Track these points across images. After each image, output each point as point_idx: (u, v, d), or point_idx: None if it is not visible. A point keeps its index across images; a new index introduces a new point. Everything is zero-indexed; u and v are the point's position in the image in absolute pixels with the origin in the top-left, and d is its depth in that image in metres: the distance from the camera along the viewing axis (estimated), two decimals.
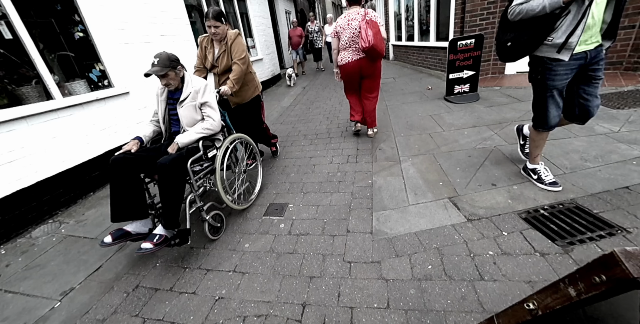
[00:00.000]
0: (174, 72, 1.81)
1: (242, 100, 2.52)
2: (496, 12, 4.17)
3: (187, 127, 1.91)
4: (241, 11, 6.11)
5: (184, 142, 1.77)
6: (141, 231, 1.75)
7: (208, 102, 1.91)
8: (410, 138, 2.99)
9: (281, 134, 3.77)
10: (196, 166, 1.79)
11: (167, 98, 1.97)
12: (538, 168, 1.91)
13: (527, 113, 3.04)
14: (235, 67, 2.24)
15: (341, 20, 2.68)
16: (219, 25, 2.18)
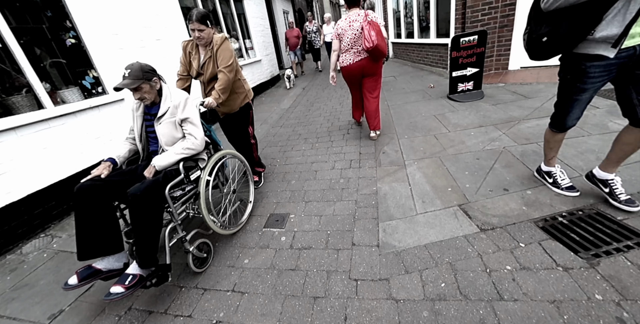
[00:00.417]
0: (149, 85, 1.60)
1: (231, 109, 2.31)
2: (498, 6, 4.04)
3: (166, 146, 1.69)
4: (238, 12, 6.01)
5: (162, 164, 1.56)
6: (114, 267, 1.53)
7: (189, 118, 1.68)
8: (414, 140, 2.88)
9: (281, 137, 3.67)
10: (177, 191, 1.57)
11: (143, 114, 1.76)
12: (553, 171, 1.79)
13: (535, 111, 2.92)
14: (221, 76, 2.02)
15: (342, 23, 2.70)
16: (203, 28, 1.97)
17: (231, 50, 2.07)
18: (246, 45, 6.11)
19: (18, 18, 2.40)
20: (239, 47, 5.86)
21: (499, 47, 4.30)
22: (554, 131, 1.70)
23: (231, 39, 5.68)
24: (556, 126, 1.67)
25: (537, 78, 3.81)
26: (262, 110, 5.22)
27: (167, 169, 1.60)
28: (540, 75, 3.89)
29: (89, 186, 1.47)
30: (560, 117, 1.62)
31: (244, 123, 2.43)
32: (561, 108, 1.61)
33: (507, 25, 4.10)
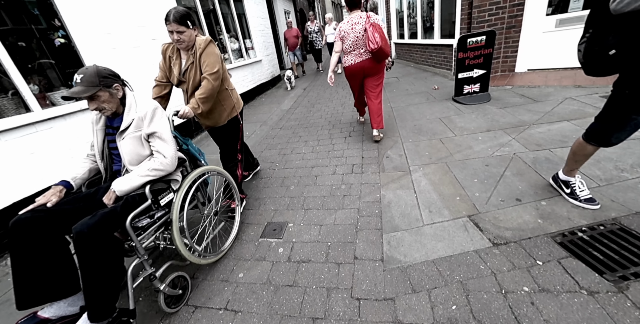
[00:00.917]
0: (108, 93, 1.34)
1: (215, 123, 2.03)
2: (506, 6, 3.92)
3: (130, 165, 1.42)
4: (239, 12, 5.90)
5: (123, 189, 1.29)
6: (67, 313, 1.24)
7: (157, 132, 1.41)
8: (419, 144, 2.76)
9: (281, 140, 3.56)
10: (143, 219, 1.34)
11: (104, 127, 1.50)
12: (573, 181, 1.67)
13: (546, 115, 2.80)
14: (205, 84, 1.75)
15: (345, 25, 2.73)
16: (183, 30, 1.69)
17: (217, 55, 1.80)
18: (246, 45, 6.01)
19: (2, 16, 2.30)
20: (238, 47, 5.75)
21: (506, 48, 4.18)
22: (591, 144, 1.49)
23: (231, 38, 5.58)
24: (597, 140, 1.46)
25: (545, 81, 3.69)
26: (261, 111, 5.11)
27: (130, 194, 1.33)
28: (549, 78, 3.77)
29: (29, 220, 1.18)
30: (607, 132, 1.41)
31: (231, 139, 2.16)
32: (611, 124, 1.39)
33: (514, 26, 3.98)
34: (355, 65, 2.78)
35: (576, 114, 2.68)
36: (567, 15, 3.69)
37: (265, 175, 2.75)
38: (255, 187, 2.57)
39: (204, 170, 1.70)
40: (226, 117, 2.04)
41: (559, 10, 3.76)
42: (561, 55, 3.91)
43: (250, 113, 5.14)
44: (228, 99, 2.02)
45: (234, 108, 2.07)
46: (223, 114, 2.02)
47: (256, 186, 2.58)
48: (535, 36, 3.98)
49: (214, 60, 1.77)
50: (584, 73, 1.37)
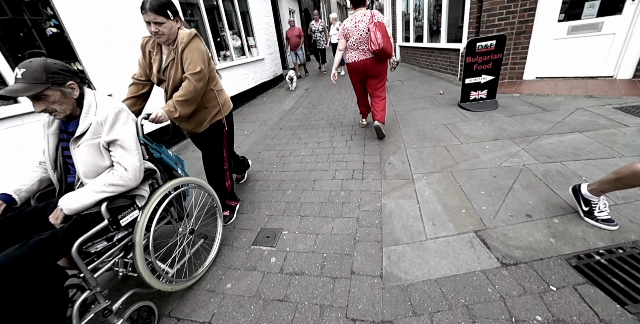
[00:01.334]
0: (59, 92, 1.11)
1: (197, 127, 1.79)
2: (517, 11, 3.82)
3: (86, 178, 1.20)
4: (242, 9, 5.80)
5: (73, 207, 1.08)
6: None
7: (118, 140, 1.20)
8: (423, 151, 2.65)
9: (280, 141, 3.45)
10: (98, 243, 1.11)
11: (58, 131, 1.28)
12: (596, 201, 1.52)
13: (557, 125, 2.70)
14: (186, 84, 1.52)
15: (348, 23, 2.73)
16: (162, 21, 1.44)
17: (202, 51, 1.57)
18: (249, 42, 5.90)
19: None
20: (240, 44, 5.64)
21: (515, 54, 4.08)
22: None
23: (233, 35, 5.48)
24: None
25: (554, 89, 3.58)
26: (262, 111, 5.00)
27: (81, 214, 1.10)
28: (558, 86, 3.66)
29: None
30: None
31: (215, 145, 1.92)
32: None
33: (524, 31, 3.88)
34: (358, 62, 2.78)
35: (588, 126, 2.57)
36: (579, 22, 3.59)
37: (262, 177, 2.64)
38: (250, 190, 2.46)
39: (180, 182, 1.49)
40: (209, 121, 1.80)
41: (571, 17, 3.66)
42: (572, 63, 3.80)
43: (250, 112, 5.03)
44: (213, 101, 1.77)
45: (220, 111, 1.82)
46: (206, 117, 1.78)
47: (251, 189, 2.46)
48: (545, 43, 3.87)
49: (197, 57, 1.53)
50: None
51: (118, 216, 1.16)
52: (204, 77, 1.58)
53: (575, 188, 1.63)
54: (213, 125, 1.83)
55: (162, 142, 3.27)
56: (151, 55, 1.64)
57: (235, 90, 5.17)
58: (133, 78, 1.74)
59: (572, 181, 1.90)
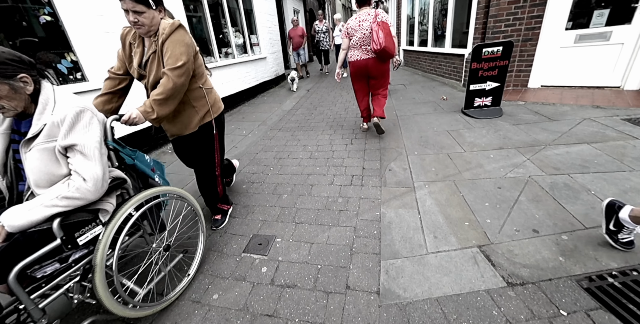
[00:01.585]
0: (7, 86, 0.95)
1: (183, 129, 1.60)
2: (524, 18, 3.75)
3: (38, 188, 1.04)
4: (246, 7, 5.72)
5: (17, 224, 0.92)
6: None
7: (77, 145, 1.02)
8: (425, 158, 2.57)
9: (278, 142, 3.35)
10: (48, 265, 0.96)
11: (9, 131, 1.11)
12: (631, 228, 1.33)
13: (563, 136, 2.62)
14: (164, 81, 1.35)
15: (352, 22, 2.73)
16: (142, 10, 1.30)
17: (187, 44, 1.39)
18: (251, 40, 5.81)
19: None
20: (243, 42, 5.56)
21: (520, 62, 4.01)
22: None
23: (236, 33, 5.39)
24: None
25: (560, 99, 3.52)
26: (262, 110, 4.91)
27: (28, 230, 0.94)
28: (564, 95, 3.60)
29: None
30: None
31: (206, 149, 1.74)
32: None
33: (531, 39, 3.82)
34: (360, 60, 2.78)
35: (596, 137, 2.49)
36: (588, 31, 3.53)
37: (258, 179, 2.55)
38: (244, 192, 2.36)
39: (156, 192, 1.29)
40: (197, 122, 1.60)
41: (579, 26, 3.60)
42: (578, 72, 3.74)
43: (250, 111, 4.94)
44: (201, 99, 1.58)
45: (209, 112, 1.64)
46: (194, 118, 1.58)
47: (246, 192, 2.37)
48: (552, 51, 3.81)
49: (180, 50, 1.35)
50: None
51: (75, 233, 0.99)
52: (187, 72, 1.39)
53: (612, 207, 1.41)
54: (202, 127, 1.65)
55: (144, 146, 3.15)
56: (132, 47, 1.48)
57: (235, 89, 5.08)
58: (109, 72, 1.56)
59: (581, 195, 1.82)
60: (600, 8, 3.42)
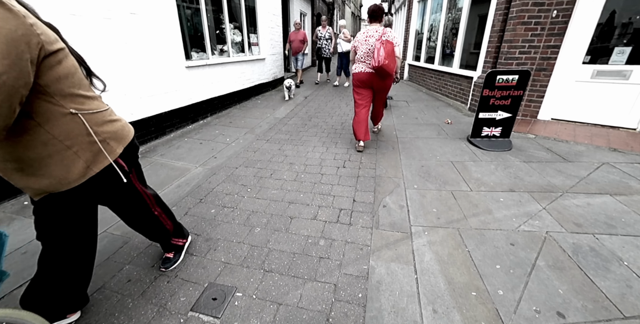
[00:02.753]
0: None
1: (54, 185, 0.92)
2: (540, 46, 3.53)
3: None
4: (248, 4, 5.38)
5: None
6: None
7: None
8: (426, 194, 2.24)
9: (263, 156, 2.98)
10: None
11: None
12: None
13: (582, 182, 2.33)
14: None
15: (360, 36, 2.82)
16: None
17: (10, 38, 0.67)
18: (250, 39, 5.46)
19: None
20: (241, 40, 5.20)
21: (532, 92, 3.78)
22: None
23: (234, 30, 5.03)
24: None
25: (573, 136, 3.27)
26: (253, 115, 4.53)
27: None
28: (577, 133, 3.36)
29: None
30: None
31: (126, 201, 1.23)
32: None
33: (545, 69, 3.59)
34: (363, 73, 2.85)
35: (619, 188, 2.22)
36: (606, 67, 3.32)
37: (231, 202, 2.17)
38: (211, 219, 1.97)
39: None
40: (83, 172, 0.95)
41: (598, 61, 3.39)
42: (593, 109, 3.52)
43: (239, 115, 4.55)
44: (80, 134, 0.92)
45: (101, 152, 0.97)
46: (74, 165, 0.92)
47: (213, 218, 1.98)
48: (566, 84, 3.59)
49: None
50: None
51: None
52: (4, 86, 0.68)
53: None
54: (97, 177, 0.98)
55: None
56: None
57: (226, 89, 4.70)
58: None
59: (612, 265, 1.51)
60: (622, 45, 3.21)
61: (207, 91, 4.20)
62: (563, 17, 3.30)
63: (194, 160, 2.89)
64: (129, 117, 2.96)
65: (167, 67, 3.38)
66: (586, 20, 3.27)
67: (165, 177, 2.54)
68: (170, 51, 3.40)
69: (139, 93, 3.04)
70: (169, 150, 3.10)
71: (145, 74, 3.08)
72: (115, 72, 2.75)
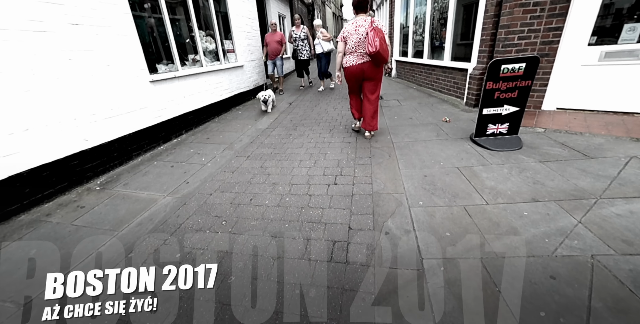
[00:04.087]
0: None
1: None
2: (540, 30, 3.21)
3: None
4: (219, 9, 5.02)
5: None
6: None
7: None
8: (435, 212, 1.87)
9: (243, 177, 2.59)
10: None
11: None
12: None
13: (614, 183, 1.99)
14: None
15: (349, 26, 2.82)
16: None
17: None
18: (225, 46, 5.08)
19: None
20: (215, 48, 4.83)
21: (534, 80, 3.44)
22: None
23: (206, 37, 4.66)
24: None
25: (587, 127, 2.94)
26: (232, 128, 4.14)
27: None
28: (590, 123, 3.03)
29: None
30: None
31: None
32: None
33: (548, 54, 3.27)
34: (355, 65, 2.86)
35: None
36: (615, 48, 3.00)
37: (200, 242, 1.77)
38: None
39: None
40: None
41: (605, 41, 3.07)
42: (602, 95, 3.20)
43: (218, 129, 4.16)
44: None
45: None
46: None
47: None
48: (571, 69, 3.27)
49: None
50: None
51: None
52: None
53: None
54: None
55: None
56: None
57: (202, 102, 4.31)
58: None
59: None
60: (632, 21, 2.90)
61: (179, 106, 3.80)
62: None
63: (162, 187, 2.49)
64: (83, 144, 2.56)
65: (127, 83, 2.99)
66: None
67: (125, 213, 2.14)
68: (129, 65, 3.01)
69: (92, 116, 2.63)
70: (134, 178, 2.70)
71: (98, 94, 2.68)
72: (58, 94, 2.35)
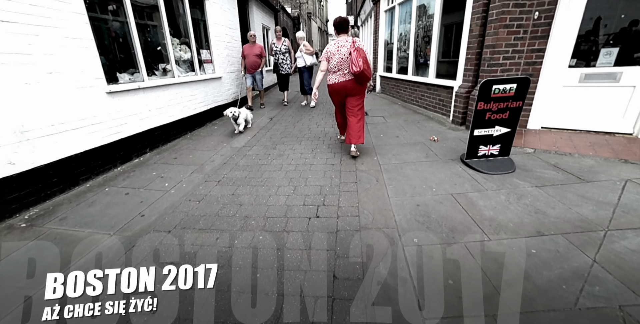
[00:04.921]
0: None
1: None
2: (524, 51, 3.20)
3: None
4: (195, 16, 4.75)
5: None
6: None
7: None
8: (433, 253, 1.62)
9: (211, 208, 2.23)
10: None
11: None
12: None
13: (617, 211, 1.84)
14: None
15: (331, 47, 2.86)
16: None
17: None
18: (201, 56, 4.78)
19: None
20: (190, 57, 4.51)
21: None
22: None
23: (181, 46, 4.34)
24: None
25: (574, 147, 2.89)
26: (204, 147, 3.77)
27: None
28: (576, 143, 2.99)
29: None
30: None
31: None
32: None
33: (532, 74, 3.25)
34: (338, 83, 2.92)
35: None
36: (594, 70, 3.03)
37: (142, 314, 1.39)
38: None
39: None
40: None
41: (585, 64, 3.10)
42: (583, 115, 3.21)
43: (188, 147, 3.77)
44: None
45: None
46: None
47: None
48: (554, 89, 3.27)
49: None
50: None
51: None
52: None
53: None
54: None
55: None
56: None
57: (172, 117, 3.93)
58: None
59: None
60: (608, 46, 2.95)
61: (143, 121, 3.41)
62: (546, 19, 2.99)
63: (110, 223, 2.06)
64: (8, 169, 2.09)
65: (76, 94, 2.58)
66: (569, 20, 2.98)
67: (52, 262, 1.69)
68: (79, 74, 2.61)
69: (22, 135, 2.18)
70: (75, 210, 2.24)
71: (34, 107, 2.24)
72: None
